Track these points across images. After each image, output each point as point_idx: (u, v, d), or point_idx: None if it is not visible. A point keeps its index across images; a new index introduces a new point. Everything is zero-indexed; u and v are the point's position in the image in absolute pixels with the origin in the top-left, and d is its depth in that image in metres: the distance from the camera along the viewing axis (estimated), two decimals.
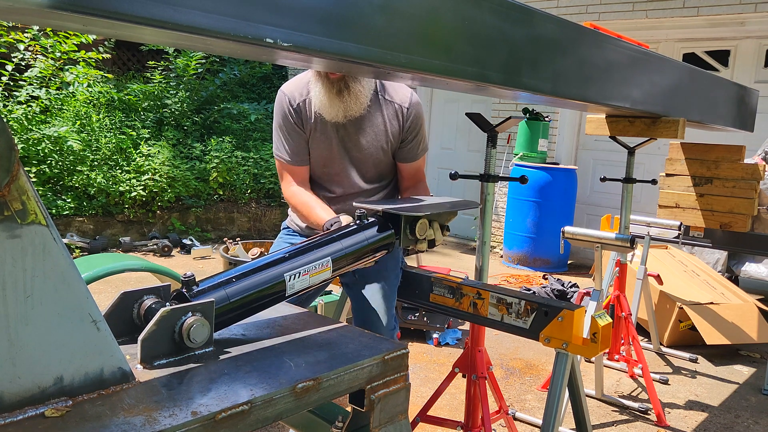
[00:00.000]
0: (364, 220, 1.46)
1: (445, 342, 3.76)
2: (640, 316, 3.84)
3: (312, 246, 1.31)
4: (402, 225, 1.47)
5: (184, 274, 1.07)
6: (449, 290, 1.93)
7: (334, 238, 1.36)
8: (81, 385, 0.81)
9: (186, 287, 1.06)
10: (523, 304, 1.73)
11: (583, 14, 5.87)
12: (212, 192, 6.70)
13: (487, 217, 1.99)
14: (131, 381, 0.86)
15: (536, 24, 1.44)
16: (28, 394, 0.76)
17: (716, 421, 2.94)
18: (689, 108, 2.46)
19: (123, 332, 1.01)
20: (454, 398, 2.94)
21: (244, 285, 1.11)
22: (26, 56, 5.90)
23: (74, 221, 5.74)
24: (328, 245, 1.33)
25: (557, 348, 1.69)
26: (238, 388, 0.88)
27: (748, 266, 4.68)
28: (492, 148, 1.96)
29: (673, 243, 3.58)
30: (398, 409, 1.05)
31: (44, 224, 0.77)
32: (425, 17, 1.14)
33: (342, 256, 1.34)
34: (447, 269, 4.27)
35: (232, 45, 0.95)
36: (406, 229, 1.48)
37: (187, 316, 0.96)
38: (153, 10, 0.75)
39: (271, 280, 1.16)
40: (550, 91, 1.55)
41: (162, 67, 7.27)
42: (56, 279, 0.78)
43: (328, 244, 1.33)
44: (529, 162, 5.90)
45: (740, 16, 5.18)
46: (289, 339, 1.10)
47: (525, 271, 5.94)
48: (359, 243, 1.40)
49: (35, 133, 5.57)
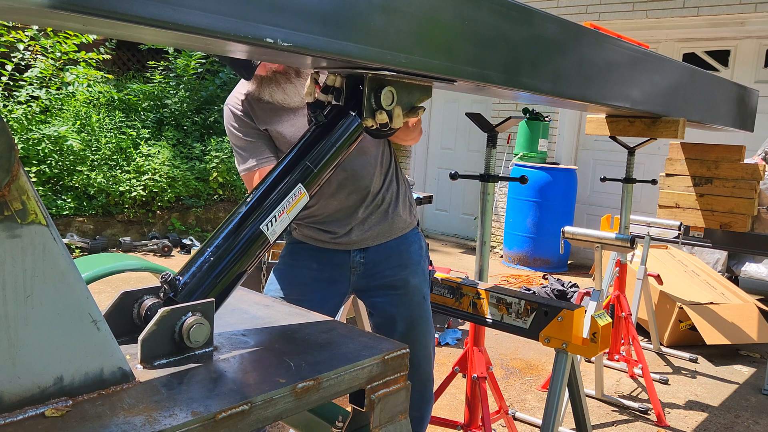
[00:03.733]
0: (320, 117, 1.25)
1: (445, 342, 3.76)
2: (640, 316, 3.84)
3: (276, 178, 1.16)
4: (366, 89, 1.22)
5: (162, 274, 1.02)
6: (449, 290, 1.93)
7: (295, 157, 1.20)
8: (81, 385, 0.81)
9: (170, 287, 1.01)
10: (523, 304, 1.73)
11: (583, 14, 5.87)
12: (212, 192, 6.70)
13: (487, 217, 1.99)
14: (131, 381, 0.86)
15: (536, 24, 1.44)
16: (28, 394, 0.76)
17: (716, 421, 2.94)
18: (689, 108, 2.46)
19: (123, 332, 1.01)
20: (454, 398, 2.94)
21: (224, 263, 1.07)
22: (26, 56, 5.90)
23: (74, 221, 5.74)
24: (294, 171, 1.17)
25: (557, 348, 1.69)
26: (238, 388, 0.88)
27: (748, 266, 4.68)
28: (492, 148, 1.96)
29: (673, 243, 3.58)
30: (398, 409, 1.05)
31: (44, 224, 0.77)
32: (425, 17, 1.14)
33: (313, 176, 1.19)
34: (447, 269, 4.27)
35: (232, 45, 0.95)
36: (371, 95, 1.23)
37: (187, 316, 0.96)
38: (153, 10, 0.75)
39: (250, 241, 1.09)
40: (550, 91, 1.55)
41: (162, 67, 7.27)
42: (56, 279, 0.78)
43: (292, 170, 1.17)
44: (529, 162, 5.90)
45: (740, 16, 5.18)
46: (289, 339, 1.10)
47: (525, 271, 5.94)
48: (328, 152, 1.22)
49: (35, 133, 5.56)
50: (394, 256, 1.76)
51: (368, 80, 1.21)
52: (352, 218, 1.71)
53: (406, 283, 1.77)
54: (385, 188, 1.74)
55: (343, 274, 1.76)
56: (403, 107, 1.27)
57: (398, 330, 1.76)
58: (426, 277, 1.84)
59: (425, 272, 1.84)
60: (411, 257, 1.79)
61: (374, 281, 1.77)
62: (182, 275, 1.05)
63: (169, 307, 0.96)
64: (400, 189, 1.79)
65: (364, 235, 1.72)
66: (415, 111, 1.30)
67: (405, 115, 1.28)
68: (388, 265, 1.76)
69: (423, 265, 1.83)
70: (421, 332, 1.79)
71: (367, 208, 1.71)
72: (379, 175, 1.73)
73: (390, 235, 1.76)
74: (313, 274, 1.75)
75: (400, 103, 1.26)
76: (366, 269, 1.76)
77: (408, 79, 1.26)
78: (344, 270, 1.76)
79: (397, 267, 1.76)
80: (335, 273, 1.76)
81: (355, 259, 1.75)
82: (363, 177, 1.68)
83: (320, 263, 1.75)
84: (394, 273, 1.76)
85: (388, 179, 1.76)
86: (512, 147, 6.29)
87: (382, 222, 1.74)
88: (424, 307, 1.80)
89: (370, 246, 1.74)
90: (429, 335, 1.82)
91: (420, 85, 1.30)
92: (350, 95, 1.24)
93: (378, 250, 1.75)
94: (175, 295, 1.02)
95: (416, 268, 1.79)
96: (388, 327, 1.77)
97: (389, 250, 1.76)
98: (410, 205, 1.83)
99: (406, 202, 1.80)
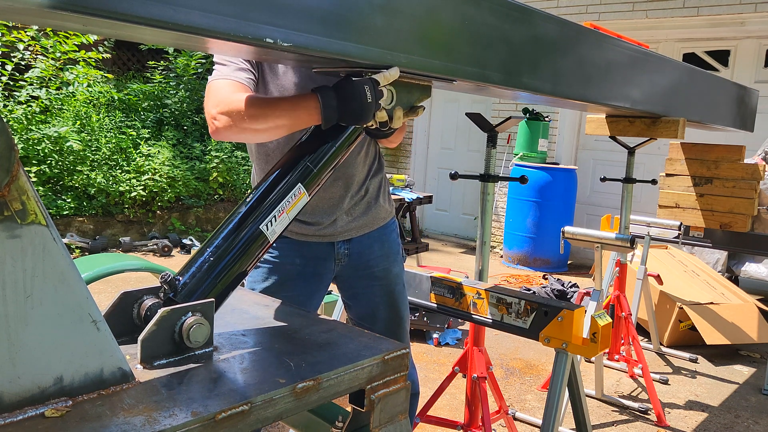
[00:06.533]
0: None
1: (445, 342, 3.76)
2: (640, 316, 3.84)
3: (276, 177, 1.16)
4: None
5: (162, 275, 1.02)
6: (449, 290, 1.93)
7: (295, 156, 1.19)
8: (81, 385, 0.81)
9: (170, 287, 1.01)
10: (523, 304, 1.73)
11: (583, 14, 5.87)
12: (212, 192, 6.70)
13: (487, 217, 1.99)
14: (131, 381, 0.86)
15: (536, 24, 1.44)
16: (28, 394, 0.76)
17: (716, 421, 2.94)
18: (689, 108, 2.46)
19: (123, 332, 1.01)
20: (454, 398, 2.94)
21: (224, 263, 1.07)
22: (26, 56, 5.89)
23: (74, 221, 5.74)
24: (294, 170, 1.17)
25: (557, 348, 1.69)
26: (238, 388, 0.88)
27: (748, 266, 4.68)
28: (492, 148, 1.96)
29: (673, 243, 3.58)
30: (398, 409, 1.05)
31: (44, 224, 0.77)
32: (425, 17, 1.14)
33: (313, 176, 1.18)
34: (447, 269, 4.27)
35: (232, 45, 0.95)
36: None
37: (187, 316, 0.96)
38: (153, 10, 0.75)
39: (250, 241, 1.09)
40: (550, 91, 1.55)
41: (162, 67, 7.27)
42: (56, 279, 0.78)
43: (292, 169, 1.17)
44: (529, 162, 5.90)
45: (740, 16, 5.18)
46: (289, 339, 1.10)
47: (525, 271, 5.94)
48: (327, 152, 1.21)
49: (35, 133, 5.56)
50: (377, 245, 1.78)
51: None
52: (337, 208, 1.70)
53: (388, 273, 1.80)
54: (370, 178, 1.74)
55: (327, 267, 1.77)
56: (402, 107, 1.27)
57: (381, 318, 1.80)
58: (403, 264, 1.89)
59: (402, 260, 1.90)
60: (392, 247, 1.82)
61: (357, 272, 1.78)
62: (182, 275, 1.05)
63: (169, 307, 0.95)
64: (383, 180, 1.81)
65: (349, 225, 1.73)
66: (414, 110, 1.30)
67: (405, 114, 1.28)
68: (371, 255, 1.78)
69: (401, 253, 1.89)
70: (404, 318, 1.84)
71: (352, 198, 1.71)
72: (363, 165, 1.72)
73: (373, 225, 1.78)
74: (297, 269, 1.74)
75: (399, 103, 1.26)
76: (350, 260, 1.77)
77: (407, 79, 1.26)
78: (328, 262, 1.76)
79: (380, 257, 1.79)
80: (319, 266, 1.76)
81: (340, 250, 1.75)
82: (349, 165, 1.67)
83: (303, 258, 1.74)
84: (377, 263, 1.78)
85: (374, 169, 1.76)
86: (512, 147, 6.29)
87: (367, 212, 1.75)
88: (404, 294, 1.86)
89: (354, 237, 1.75)
90: (407, 320, 1.88)
91: (419, 84, 1.30)
92: None
93: (361, 240, 1.76)
94: (175, 296, 1.02)
95: (396, 257, 1.84)
96: (371, 317, 1.80)
97: (372, 240, 1.78)
98: (389, 194, 1.86)
99: (387, 192, 1.84)
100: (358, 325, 1.82)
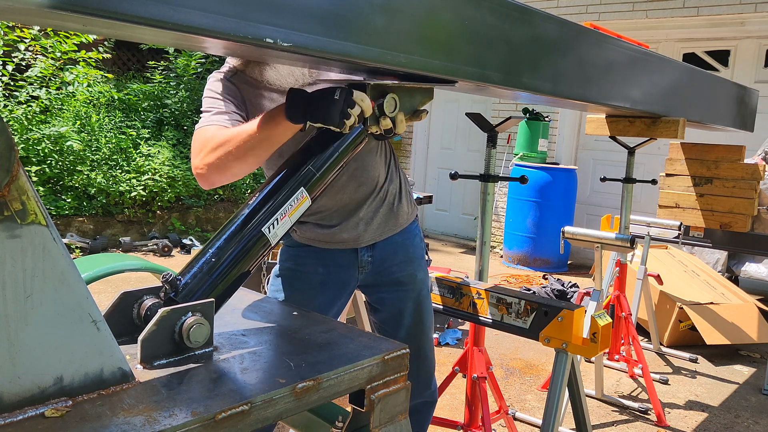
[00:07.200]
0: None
1: (445, 342, 3.76)
2: (640, 316, 3.84)
3: (279, 181, 1.17)
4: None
5: (163, 274, 1.02)
6: (449, 290, 1.93)
7: (298, 161, 1.20)
8: (81, 385, 0.81)
9: (171, 287, 1.02)
10: (523, 304, 1.73)
11: (583, 14, 5.87)
12: (212, 192, 6.70)
13: (487, 217, 1.99)
14: (131, 381, 0.86)
15: (536, 24, 1.44)
16: (28, 394, 0.76)
17: (716, 421, 2.94)
18: (689, 108, 2.46)
19: (123, 332, 1.01)
20: (454, 398, 2.94)
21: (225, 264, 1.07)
22: (26, 56, 5.90)
23: (74, 221, 5.74)
24: (297, 174, 1.18)
25: (557, 348, 1.69)
26: (238, 388, 0.88)
27: (748, 266, 4.68)
28: (492, 148, 1.96)
29: (673, 243, 3.58)
30: (398, 409, 1.05)
31: (44, 224, 0.77)
32: (425, 17, 1.14)
33: (316, 180, 1.20)
34: (447, 269, 4.27)
35: (232, 45, 0.95)
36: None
37: (187, 316, 0.96)
38: (153, 10, 0.75)
39: (251, 243, 1.10)
40: (550, 91, 1.55)
41: (162, 67, 7.27)
42: (56, 279, 0.78)
43: (295, 174, 1.18)
44: (529, 162, 5.90)
45: (740, 16, 5.18)
46: (289, 339, 1.10)
47: (525, 271, 5.94)
48: (331, 156, 1.23)
49: (35, 133, 5.56)
50: (401, 251, 1.77)
51: (370, 89, 1.23)
52: (359, 212, 1.68)
53: (414, 278, 1.78)
54: (389, 180, 1.73)
55: (350, 274, 1.75)
56: (405, 112, 1.30)
57: (405, 324, 1.77)
58: (427, 269, 1.87)
59: (427, 264, 1.88)
60: (416, 251, 1.80)
61: (382, 278, 1.77)
62: (183, 276, 1.06)
63: (169, 307, 0.96)
64: (402, 180, 1.79)
65: (371, 230, 1.71)
66: (417, 114, 1.33)
67: (408, 119, 1.31)
68: (395, 261, 1.76)
69: (425, 258, 1.87)
70: (427, 325, 1.82)
71: (373, 201, 1.69)
72: (383, 166, 1.71)
73: (395, 228, 1.75)
74: (320, 278, 1.73)
75: (402, 109, 1.29)
76: (374, 267, 1.75)
77: (409, 85, 1.27)
78: (352, 270, 1.74)
79: (404, 262, 1.77)
80: (343, 274, 1.74)
81: (363, 258, 1.73)
82: (372, 167, 1.66)
83: (326, 266, 1.73)
84: (401, 269, 1.76)
85: (390, 170, 1.75)
86: (512, 147, 6.29)
87: (389, 215, 1.73)
88: (428, 300, 1.84)
89: (377, 242, 1.73)
90: (432, 326, 1.86)
91: (421, 88, 1.32)
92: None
93: (385, 246, 1.74)
94: (175, 296, 1.02)
95: (421, 262, 1.82)
96: (395, 322, 1.78)
97: (395, 246, 1.76)
98: (410, 195, 1.84)
99: (407, 193, 1.81)
100: (380, 329, 1.81)
